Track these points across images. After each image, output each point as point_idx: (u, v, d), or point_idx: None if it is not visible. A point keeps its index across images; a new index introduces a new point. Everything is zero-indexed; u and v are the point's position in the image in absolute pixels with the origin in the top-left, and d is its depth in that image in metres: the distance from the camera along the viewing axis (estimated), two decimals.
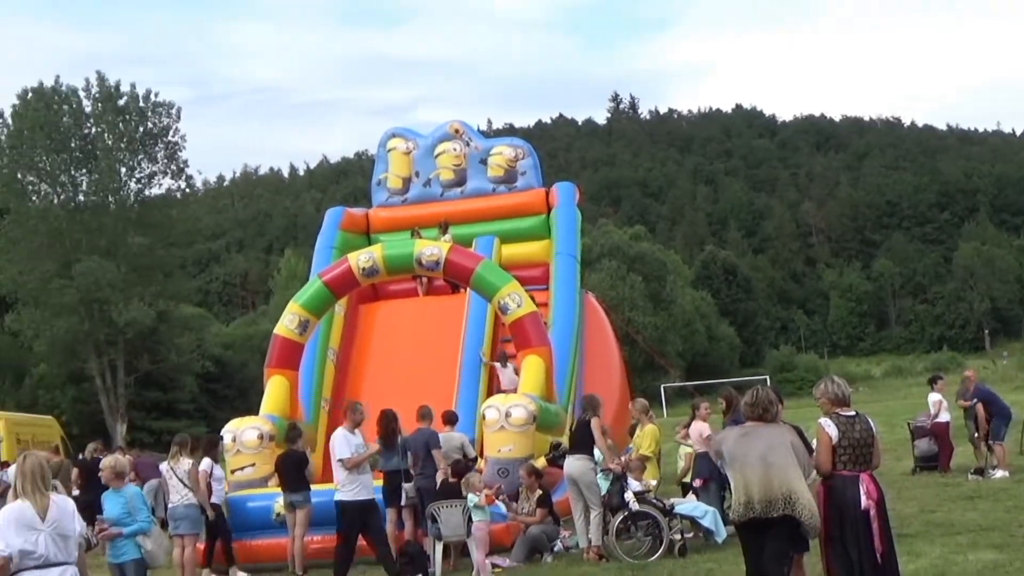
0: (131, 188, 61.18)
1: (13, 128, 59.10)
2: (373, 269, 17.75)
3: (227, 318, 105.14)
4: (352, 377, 20.04)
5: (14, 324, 61.73)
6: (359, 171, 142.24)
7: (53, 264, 57.90)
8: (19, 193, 59.21)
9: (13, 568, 7.35)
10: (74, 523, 7.62)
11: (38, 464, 7.60)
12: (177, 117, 61.84)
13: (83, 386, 66.73)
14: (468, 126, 23.66)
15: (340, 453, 12.68)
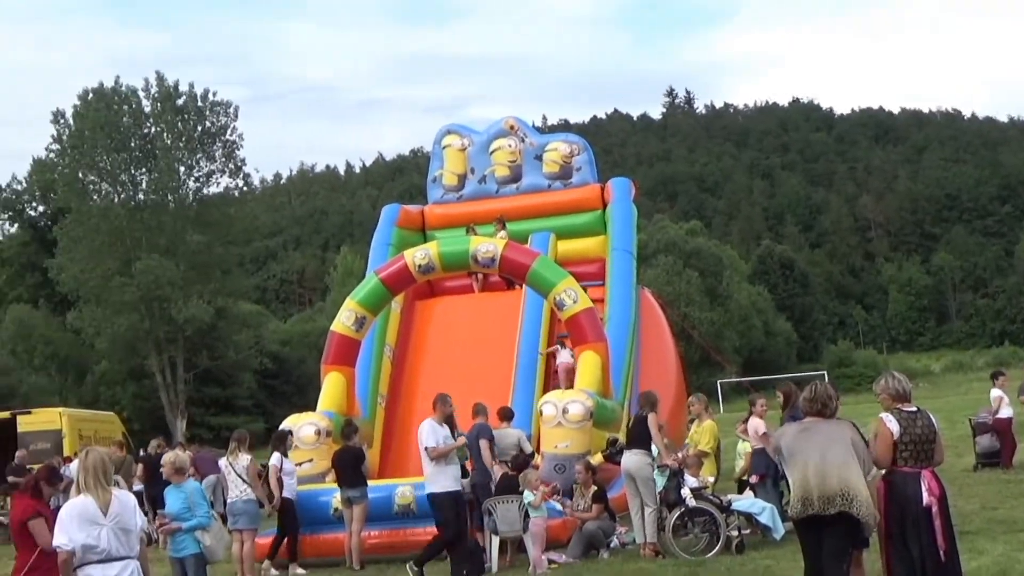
0: (190, 187, 61.81)
1: (75, 128, 59.91)
2: (429, 266, 17.79)
3: (284, 315, 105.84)
4: (408, 373, 20.12)
5: (76, 322, 62.58)
6: (415, 168, 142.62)
7: (114, 262, 58.60)
8: (80, 193, 60.01)
9: (76, 562, 7.44)
10: (135, 518, 7.70)
11: (100, 459, 7.69)
12: (235, 116, 62.41)
13: (143, 383, 67.54)
14: (523, 122, 23.65)
15: (426, 443, 12.60)
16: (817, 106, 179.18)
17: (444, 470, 12.63)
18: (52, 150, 63.22)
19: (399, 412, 19.39)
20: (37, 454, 24.50)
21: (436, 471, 12.61)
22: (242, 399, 72.85)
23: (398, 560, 14.59)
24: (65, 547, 7.39)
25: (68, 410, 30.33)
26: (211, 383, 68.86)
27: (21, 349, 72.26)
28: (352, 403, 17.82)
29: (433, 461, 12.57)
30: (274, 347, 77.50)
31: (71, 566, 7.42)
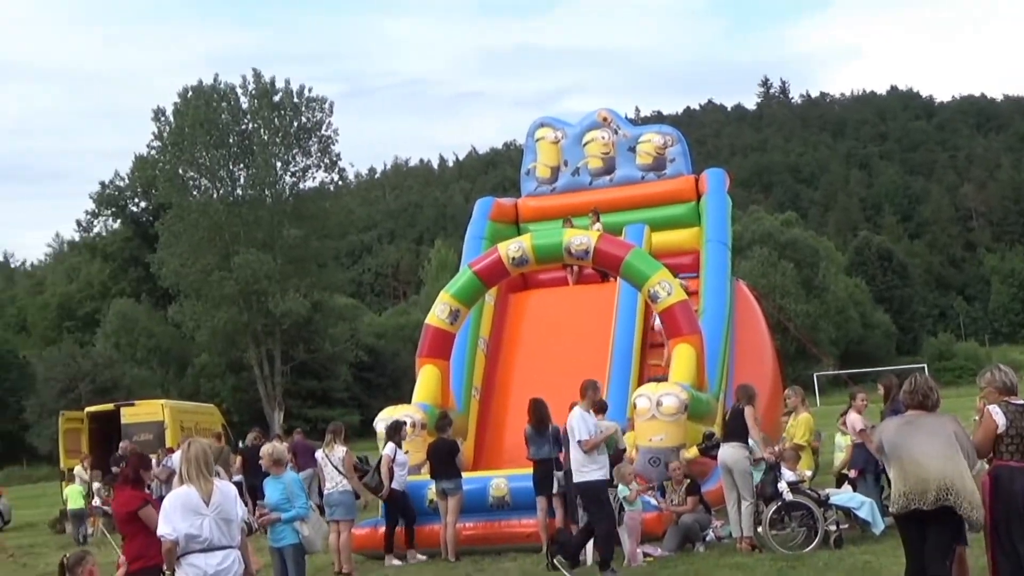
0: (286, 182, 62.69)
1: (175, 126, 61.06)
2: (523, 259, 17.79)
3: (379, 308, 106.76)
4: (502, 366, 20.15)
5: (177, 316, 63.83)
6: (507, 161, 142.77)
7: (213, 257, 59.61)
8: (180, 188, 61.15)
9: (179, 551, 7.58)
10: (236, 508, 7.82)
11: (202, 450, 7.83)
12: (330, 111, 63.18)
13: (242, 375, 68.70)
14: (616, 114, 23.55)
15: (579, 433, 12.46)
16: (916, 94, 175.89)
17: (595, 459, 12.50)
18: (153, 147, 64.57)
19: (493, 405, 19.42)
20: (140, 445, 25.02)
21: (586, 460, 12.46)
22: (338, 391, 73.74)
23: (492, 552, 14.67)
24: (169, 536, 7.54)
25: (170, 402, 30.95)
26: (307, 376, 69.81)
27: (124, 342, 73.93)
28: (446, 396, 17.90)
29: (585, 452, 12.45)
30: (369, 340, 78.30)
31: (175, 555, 7.57)
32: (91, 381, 62.37)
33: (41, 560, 19.70)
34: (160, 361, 75.17)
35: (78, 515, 23.44)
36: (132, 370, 68.82)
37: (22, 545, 23.30)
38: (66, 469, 27.83)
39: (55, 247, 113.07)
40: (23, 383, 74.34)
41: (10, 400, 74.41)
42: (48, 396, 63.71)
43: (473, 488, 15.25)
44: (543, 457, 14.59)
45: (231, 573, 7.68)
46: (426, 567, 14.27)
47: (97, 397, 50.75)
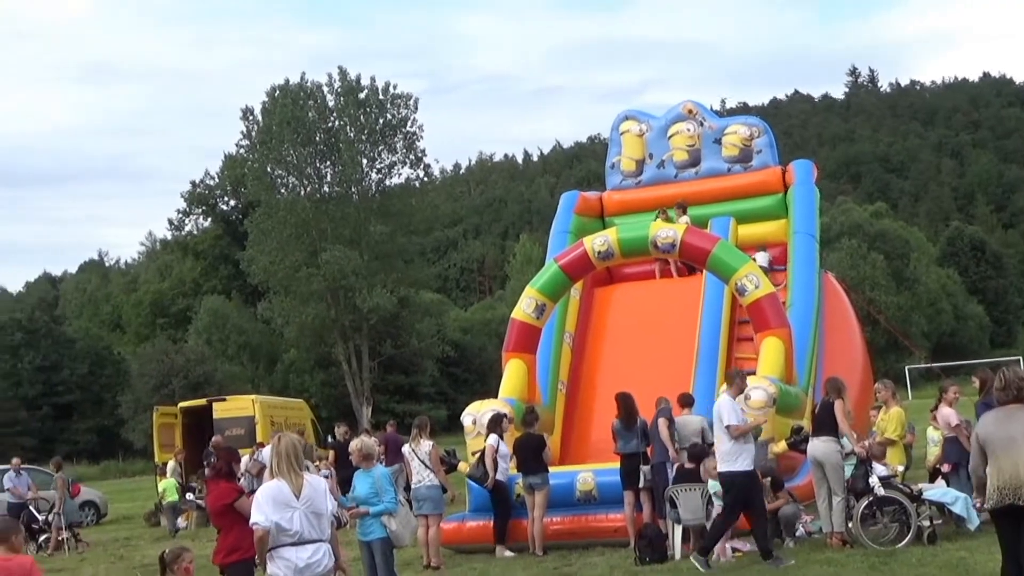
0: (372, 178, 63.11)
1: (263, 124, 61.79)
2: (608, 252, 17.74)
3: (465, 303, 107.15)
4: (588, 360, 20.12)
5: (266, 312, 64.70)
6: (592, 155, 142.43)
7: (301, 253, 60.25)
8: (269, 186, 61.88)
9: (270, 543, 7.68)
10: (326, 501, 7.91)
11: (292, 444, 7.93)
12: (415, 108, 63.41)
13: (330, 370, 69.39)
14: (702, 106, 23.38)
15: (728, 419, 12.32)
16: (1010, 80, 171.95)
17: (742, 448, 12.39)
18: (242, 146, 65.48)
19: (579, 399, 19.40)
20: (231, 440, 25.38)
21: (735, 449, 12.31)
22: (425, 386, 74.14)
23: (580, 546, 14.66)
24: (263, 524, 7.64)
25: (260, 397, 31.34)
26: (395, 371, 70.27)
27: (215, 339, 75.10)
28: (533, 390, 17.91)
29: (733, 440, 12.33)
30: (455, 335, 78.64)
31: (267, 544, 7.67)
32: (184, 377, 63.47)
33: (137, 553, 20.09)
34: (250, 357, 76.24)
35: (173, 509, 23.89)
36: (223, 366, 69.89)
37: (118, 538, 23.80)
38: (160, 463, 28.36)
39: (148, 245, 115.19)
40: (118, 379, 75.93)
41: (106, 396, 76.03)
42: (142, 392, 64.98)
43: (560, 483, 15.26)
44: (631, 451, 14.58)
45: (321, 566, 7.77)
46: (514, 562, 14.30)
47: (189, 393, 51.65)
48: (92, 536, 24.21)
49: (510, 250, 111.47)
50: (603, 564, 13.44)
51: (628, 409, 14.71)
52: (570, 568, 13.34)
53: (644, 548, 13.35)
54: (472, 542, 15.58)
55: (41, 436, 74.44)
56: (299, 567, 7.66)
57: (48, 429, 75.77)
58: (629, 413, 14.71)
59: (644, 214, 21.30)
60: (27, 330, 77.98)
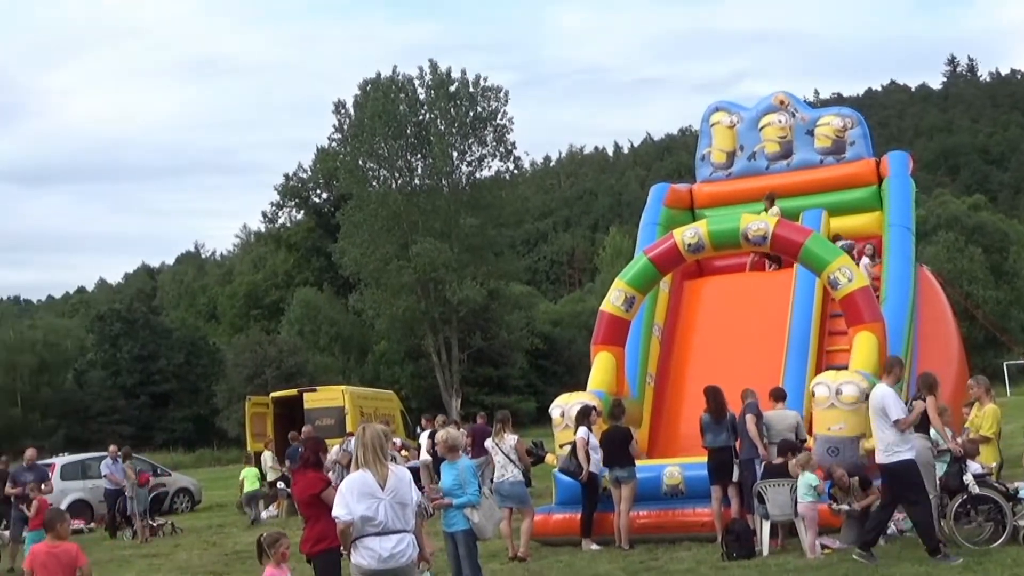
0: (463, 171, 63.32)
1: (355, 118, 62.36)
2: (698, 245, 17.59)
3: (555, 296, 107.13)
4: (677, 354, 19.98)
5: (357, 304, 65.31)
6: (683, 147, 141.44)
7: (392, 246, 60.69)
8: (360, 179, 62.42)
9: (355, 533, 7.73)
10: (411, 492, 7.94)
11: (377, 435, 7.97)
12: (505, 101, 63.53)
13: (420, 362, 69.83)
14: (794, 97, 23.05)
15: (895, 413, 11.98)
16: None
17: (907, 439, 12.06)
18: (334, 139, 66.17)
19: (667, 392, 19.28)
20: (321, 430, 25.66)
21: (899, 439, 11.96)
22: (514, 379, 74.30)
23: (666, 541, 14.58)
24: (344, 518, 7.70)
25: (350, 388, 31.61)
26: (484, 363, 70.52)
27: (307, 330, 76.02)
28: (621, 383, 17.83)
29: (897, 431, 11.95)
30: (545, 328, 78.65)
31: (350, 536, 7.73)
32: (276, 367, 64.34)
33: (230, 540, 20.40)
34: (341, 348, 77.04)
35: (252, 497, 24.25)
36: (315, 357, 70.72)
37: (211, 525, 24.19)
38: (252, 452, 28.76)
39: (243, 237, 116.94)
40: (213, 369, 77.26)
41: (201, 385, 77.42)
42: (236, 381, 66.02)
43: (647, 476, 15.20)
44: (720, 445, 14.47)
45: (405, 556, 7.81)
46: (600, 556, 14.26)
47: (282, 383, 52.33)
48: (186, 523, 24.66)
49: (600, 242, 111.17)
50: (690, 559, 13.34)
51: (717, 403, 14.59)
52: (656, 562, 13.26)
53: (731, 543, 13.23)
54: (558, 535, 15.57)
55: (139, 424, 76.07)
56: (383, 557, 7.70)
57: (145, 417, 77.37)
58: (718, 407, 14.59)
59: (734, 206, 21.08)
60: (126, 320, 79.65)
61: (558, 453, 16.35)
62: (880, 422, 12.02)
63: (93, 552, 20.20)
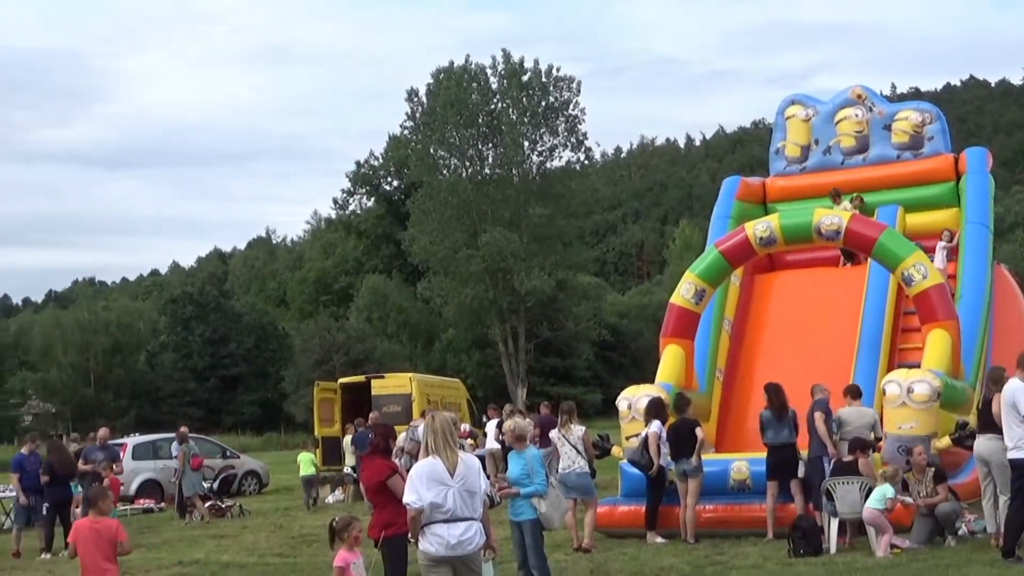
0: (533, 161, 63.31)
1: (427, 106, 62.58)
2: (770, 238, 17.44)
3: (623, 288, 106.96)
4: (747, 348, 19.81)
5: (426, 291, 65.56)
6: (755, 140, 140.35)
7: (461, 234, 60.86)
8: (431, 167, 62.66)
9: (424, 520, 7.77)
10: (480, 480, 7.96)
11: (447, 423, 8.00)
12: (577, 91, 63.42)
13: (487, 351, 70.05)
14: (871, 91, 22.71)
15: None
16: None
17: None
18: (406, 127, 66.47)
19: (736, 387, 19.13)
20: (388, 417, 25.82)
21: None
22: (580, 370, 74.29)
23: (732, 535, 14.49)
24: (414, 504, 7.74)
25: (417, 375, 31.75)
26: (551, 353, 70.56)
27: (376, 317, 76.55)
28: (690, 376, 17.73)
29: None
30: (612, 319, 78.58)
31: (419, 523, 7.77)
32: (344, 353, 64.82)
33: (296, 523, 20.60)
34: (409, 335, 77.46)
35: (308, 481, 24.49)
36: (383, 344, 71.16)
37: (278, 508, 24.44)
38: (319, 437, 29.01)
39: (313, 224, 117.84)
40: (282, 354, 78.06)
41: (270, 370, 78.26)
42: (304, 367, 66.62)
43: (714, 470, 15.11)
44: (782, 442, 14.37)
45: (472, 544, 7.84)
46: (665, 549, 14.21)
47: (349, 369, 52.74)
48: (253, 505, 24.93)
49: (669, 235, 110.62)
50: (756, 554, 13.24)
51: (779, 400, 14.50)
52: (722, 557, 13.17)
53: (799, 540, 13.10)
54: (623, 527, 15.54)
55: (208, 407, 77.12)
56: (451, 544, 7.73)
57: (215, 400, 78.42)
58: (780, 404, 14.50)
59: (808, 201, 20.83)
60: (198, 304, 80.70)
61: (624, 445, 16.31)
62: (1011, 417, 11.74)
63: (162, 531, 20.56)
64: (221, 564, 15.31)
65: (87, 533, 9.06)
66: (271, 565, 14.93)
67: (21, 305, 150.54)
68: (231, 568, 14.89)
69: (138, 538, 19.36)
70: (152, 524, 22.27)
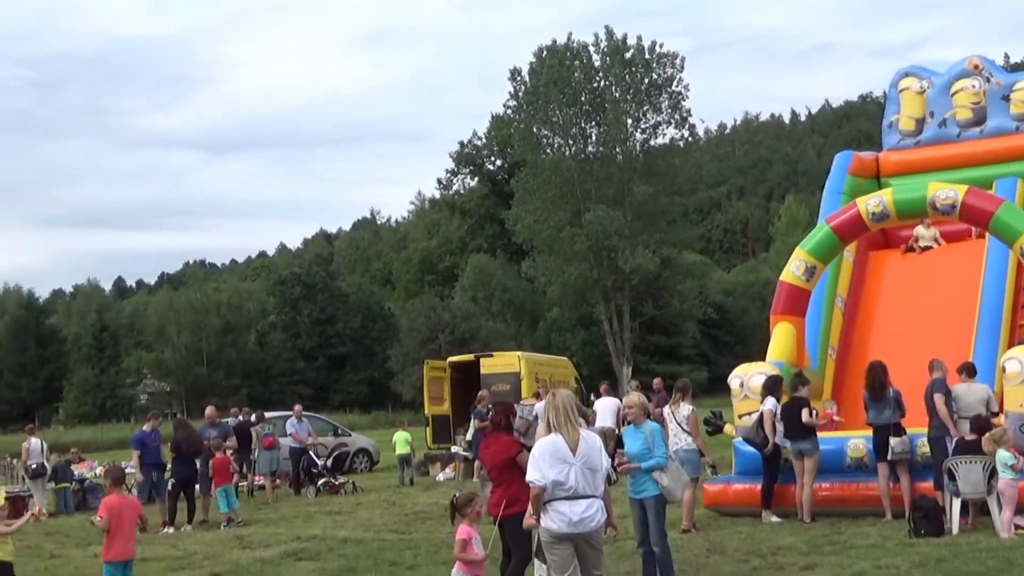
0: (637, 138, 63.05)
1: (530, 85, 62.58)
2: (883, 213, 17.13)
3: (728, 265, 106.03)
4: (860, 326, 19.53)
5: (530, 271, 65.73)
6: (863, 114, 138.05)
7: (565, 213, 60.87)
8: (534, 146, 62.70)
9: (545, 498, 7.81)
10: (601, 458, 7.97)
11: (568, 400, 8.02)
12: (680, 67, 62.93)
13: (591, 330, 70.04)
14: (988, 61, 22.13)
15: None
16: None
17: None
18: (509, 106, 66.53)
19: (849, 365, 18.84)
20: (497, 395, 25.91)
21: None
22: (685, 348, 73.93)
23: (849, 514, 14.32)
24: (538, 482, 7.78)
25: (526, 354, 31.79)
26: (656, 331, 70.31)
27: (480, 296, 76.98)
28: (801, 354, 17.53)
29: None
30: (718, 297, 78.02)
31: (542, 500, 7.81)
32: (450, 332, 65.33)
33: (408, 500, 20.84)
34: (514, 314, 77.74)
35: (404, 459, 24.98)
36: (488, 323, 71.54)
37: (390, 485, 24.75)
38: (430, 415, 29.27)
39: (417, 204, 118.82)
40: (388, 333, 78.93)
41: (376, 349, 79.22)
42: (410, 346, 67.30)
43: (830, 449, 14.93)
44: (883, 423, 14.18)
45: (594, 521, 7.85)
46: (781, 528, 14.10)
47: (455, 348, 53.14)
48: (365, 482, 25.28)
49: (775, 211, 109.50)
50: (875, 534, 13.07)
51: (875, 380, 14.33)
52: (840, 536, 13.02)
53: (919, 520, 12.90)
54: (737, 505, 15.45)
55: (316, 385, 78.35)
56: (573, 521, 7.76)
57: (323, 379, 79.64)
58: (874, 384, 14.32)
59: (923, 175, 20.41)
60: (305, 284, 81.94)
61: (737, 423, 16.20)
62: None
63: (279, 507, 20.96)
64: (338, 539, 15.57)
65: (120, 508, 10.52)
66: (387, 541, 15.14)
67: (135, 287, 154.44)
68: (348, 543, 15.13)
69: (255, 514, 19.83)
70: (268, 500, 22.71)
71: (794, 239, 67.34)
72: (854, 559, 11.49)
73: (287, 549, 15.01)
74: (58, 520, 21.37)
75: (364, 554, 13.97)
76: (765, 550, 12.37)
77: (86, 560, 15.18)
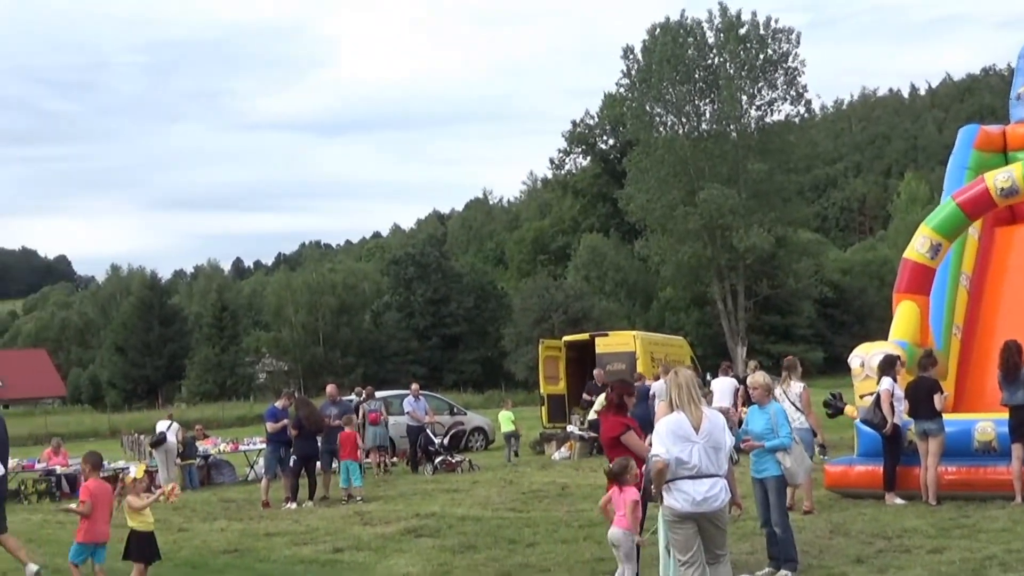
0: (751, 115, 62.36)
1: (643, 63, 62.24)
2: (1012, 189, 16.69)
3: (844, 244, 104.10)
4: (986, 304, 19.06)
5: (643, 250, 65.48)
6: (986, 88, 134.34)
7: (678, 192, 60.51)
8: (647, 124, 62.39)
9: (668, 476, 7.77)
10: (725, 436, 7.90)
11: (690, 378, 7.97)
12: (796, 43, 62.06)
13: (705, 309, 69.47)
14: None
15: None
16: None
17: None
18: (622, 85, 66.29)
19: (975, 344, 18.42)
20: (612, 375, 25.87)
21: None
22: (801, 328, 72.85)
23: (976, 498, 14.00)
24: (662, 457, 7.74)
25: (641, 333, 31.69)
26: (770, 311, 69.43)
27: (593, 275, 76.82)
28: (925, 333, 17.18)
29: None
30: (834, 276, 76.69)
31: (665, 476, 7.76)
32: (563, 312, 65.32)
33: (525, 479, 20.90)
34: (627, 294, 77.46)
35: (510, 436, 25.41)
36: (600, 302, 71.38)
37: (506, 464, 24.88)
38: (545, 394, 29.35)
39: (529, 184, 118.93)
40: (501, 313, 79.22)
41: (489, 329, 79.58)
42: (523, 325, 67.48)
43: (956, 431, 14.59)
44: (1018, 403, 13.79)
45: (718, 501, 7.78)
46: (905, 510, 13.83)
47: (568, 327, 53.13)
48: (481, 460, 25.44)
49: (893, 188, 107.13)
50: (1005, 518, 12.74)
51: (1007, 360, 13.94)
52: (968, 520, 12.73)
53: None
54: (860, 487, 15.19)
55: (430, 365, 79.00)
56: (696, 500, 7.70)
57: (437, 358, 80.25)
58: (1008, 364, 13.93)
59: None
60: (419, 264, 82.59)
61: (858, 404, 15.93)
62: None
63: (398, 484, 21.21)
64: (457, 517, 15.69)
65: (98, 490, 10.98)
66: (506, 519, 15.21)
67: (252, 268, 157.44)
68: (467, 521, 15.24)
69: (374, 490, 20.09)
70: (386, 478, 23.01)
71: (914, 216, 65.90)
72: (984, 543, 11.21)
73: (407, 526, 15.16)
74: (184, 495, 21.91)
75: (483, 531, 14.06)
76: (890, 532, 12.15)
77: (212, 534, 15.55)
